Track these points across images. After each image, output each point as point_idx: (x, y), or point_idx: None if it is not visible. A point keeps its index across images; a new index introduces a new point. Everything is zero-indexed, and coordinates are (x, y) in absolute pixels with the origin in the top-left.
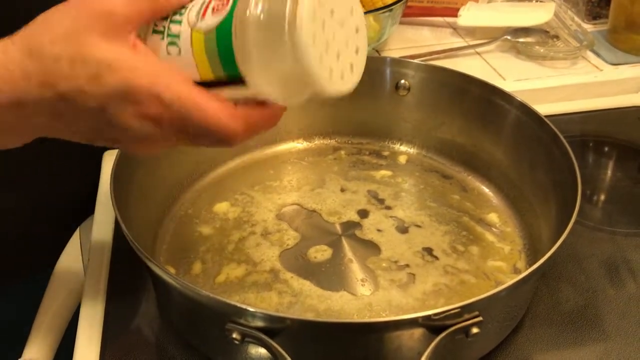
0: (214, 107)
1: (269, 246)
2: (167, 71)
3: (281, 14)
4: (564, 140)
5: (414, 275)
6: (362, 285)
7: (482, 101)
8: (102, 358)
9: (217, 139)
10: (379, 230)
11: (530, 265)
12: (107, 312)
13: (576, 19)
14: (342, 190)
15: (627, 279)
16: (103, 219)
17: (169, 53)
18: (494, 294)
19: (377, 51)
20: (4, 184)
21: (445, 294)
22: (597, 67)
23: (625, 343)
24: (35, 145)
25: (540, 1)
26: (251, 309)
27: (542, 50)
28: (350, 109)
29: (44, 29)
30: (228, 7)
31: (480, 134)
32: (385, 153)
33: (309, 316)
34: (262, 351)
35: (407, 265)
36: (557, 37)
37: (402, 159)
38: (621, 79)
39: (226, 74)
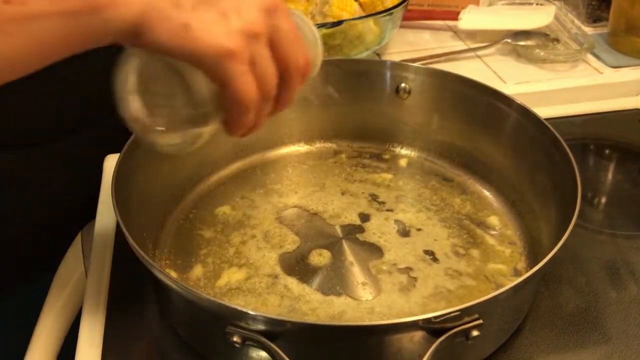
0: None
1: (270, 249)
2: None
3: None
4: (564, 143)
5: (415, 278)
6: (363, 288)
7: (482, 104)
8: None
9: None
10: (380, 234)
11: (531, 268)
12: (108, 315)
13: (576, 22)
14: (343, 193)
15: (628, 281)
16: (104, 223)
17: None
18: (494, 297)
19: (377, 55)
20: (5, 188)
21: (446, 296)
22: (597, 70)
23: (627, 345)
24: (37, 150)
25: (541, 4)
26: (252, 313)
27: (542, 53)
28: (351, 112)
29: None
30: None
31: (481, 137)
32: (386, 156)
33: (310, 319)
34: (263, 354)
35: (409, 269)
36: (557, 40)
37: (403, 162)
38: (621, 81)
39: None
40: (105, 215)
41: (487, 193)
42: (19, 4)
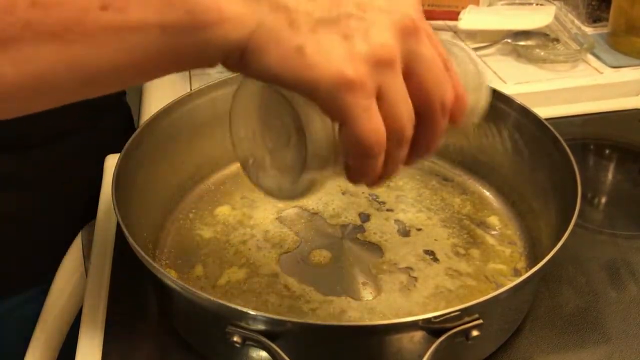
0: None
1: (270, 249)
2: None
3: None
4: (564, 143)
5: (415, 278)
6: (363, 288)
7: None
8: None
9: None
10: (380, 233)
11: (531, 268)
12: (108, 315)
13: (576, 22)
14: (343, 193)
15: (628, 281)
16: (105, 223)
17: None
18: (494, 297)
19: None
20: (6, 189)
21: (446, 296)
22: (597, 70)
23: (627, 345)
24: (37, 151)
25: (541, 4)
26: (252, 312)
27: (542, 54)
28: None
29: None
30: None
31: (481, 137)
32: None
33: (310, 319)
34: (263, 354)
35: (409, 268)
36: (557, 40)
37: None
38: (621, 81)
39: None
40: (106, 215)
41: (487, 193)
42: (118, 10)
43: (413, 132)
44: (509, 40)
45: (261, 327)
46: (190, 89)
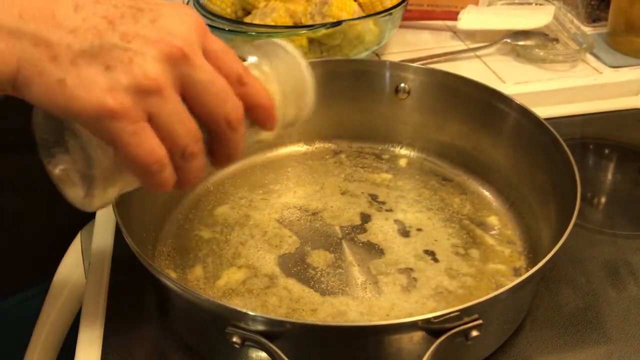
0: None
1: (269, 250)
2: None
3: None
4: (564, 143)
5: (415, 278)
6: (363, 288)
7: (481, 104)
8: None
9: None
10: (380, 234)
11: (531, 268)
12: (108, 315)
13: (576, 21)
14: (343, 193)
15: (628, 281)
16: (104, 224)
17: None
18: (493, 297)
19: (377, 55)
20: (6, 189)
21: (446, 297)
22: (596, 70)
23: (627, 345)
24: (36, 149)
25: (540, 4)
26: (251, 313)
27: (541, 53)
28: (350, 113)
29: None
30: None
31: (480, 137)
32: (386, 156)
33: (309, 320)
34: (263, 355)
35: (409, 269)
36: (556, 40)
37: (403, 162)
38: (621, 81)
39: None
40: (105, 215)
41: (486, 193)
42: None
43: (213, 144)
44: (508, 40)
45: (260, 327)
46: None
